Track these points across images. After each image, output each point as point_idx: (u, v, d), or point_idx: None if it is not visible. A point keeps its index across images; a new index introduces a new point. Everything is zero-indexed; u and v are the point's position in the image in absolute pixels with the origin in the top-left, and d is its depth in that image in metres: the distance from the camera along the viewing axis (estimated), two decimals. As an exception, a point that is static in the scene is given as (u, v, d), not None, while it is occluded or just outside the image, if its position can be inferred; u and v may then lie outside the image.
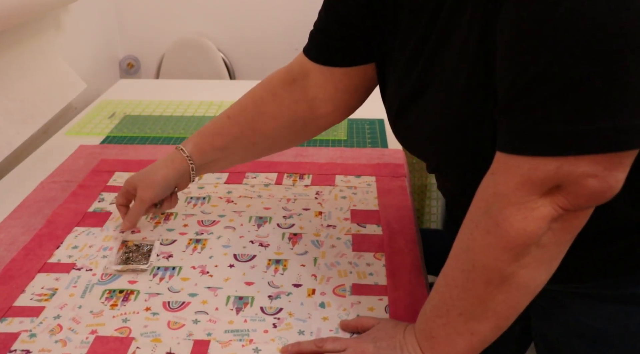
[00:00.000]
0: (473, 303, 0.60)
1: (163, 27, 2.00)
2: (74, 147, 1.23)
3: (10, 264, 0.85)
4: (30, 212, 0.98)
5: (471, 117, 0.62)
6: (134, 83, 1.71)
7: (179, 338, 0.72)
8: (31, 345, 0.71)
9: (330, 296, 0.79)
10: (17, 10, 1.17)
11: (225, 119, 0.88)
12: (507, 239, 0.56)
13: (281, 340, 0.71)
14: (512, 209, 0.56)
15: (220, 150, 0.88)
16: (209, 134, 0.89)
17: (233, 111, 0.88)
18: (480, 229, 0.58)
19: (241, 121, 0.87)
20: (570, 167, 0.52)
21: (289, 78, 0.86)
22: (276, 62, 2.01)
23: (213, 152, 0.88)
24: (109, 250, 0.89)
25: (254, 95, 0.88)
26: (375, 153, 1.19)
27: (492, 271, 0.58)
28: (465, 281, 0.60)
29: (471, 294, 0.60)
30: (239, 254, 0.88)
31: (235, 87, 1.68)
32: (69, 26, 1.55)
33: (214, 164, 0.91)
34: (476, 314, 0.60)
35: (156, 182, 0.87)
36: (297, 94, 0.85)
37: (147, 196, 0.87)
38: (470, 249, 0.60)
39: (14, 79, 1.28)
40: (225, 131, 0.88)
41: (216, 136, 0.88)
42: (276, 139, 0.89)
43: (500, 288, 0.59)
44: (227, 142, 0.88)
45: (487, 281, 0.59)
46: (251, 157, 0.93)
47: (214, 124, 0.89)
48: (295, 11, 1.96)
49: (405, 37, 0.69)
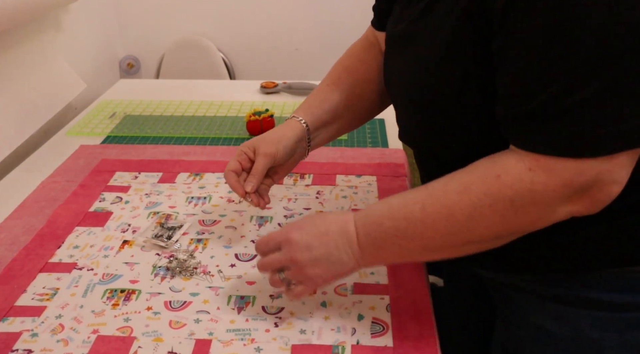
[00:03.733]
0: (440, 248, 0.63)
1: (163, 27, 2.00)
2: (75, 147, 1.23)
3: (11, 264, 0.85)
4: (31, 212, 0.98)
5: (450, 77, 0.63)
6: (134, 83, 1.71)
7: (181, 338, 0.72)
8: (33, 345, 0.71)
9: (332, 295, 0.79)
10: (17, 10, 1.17)
11: (326, 87, 0.90)
12: (515, 227, 0.60)
13: (283, 339, 0.71)
14: (538, 209, 0.58)
15: (330, 113, 0.89)
16: (316, 100, 0.90)
17: (331, 78, 0.91)
18: (494, 210, 0.59)
19: (342, 87, 0.89)
20: (607, 169, 0.55)
21: (367, 44, 0.91)
22: (276, 62, 2.04)
23: (324, 115, 0.89)
24: (110, 250, 0.89)
25: (344, 65, 0.92)
26: (376, 153, 1.19)
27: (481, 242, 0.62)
28: (447, 237, 0.62)
29: (448, 246, 0.63)
30: (240, 254, 0.88)
31: (235, 87, 1.68)
32: (69, 26, 1.55)
33: (325, 130, 0.90)
34: (435, 253, 0.65)
35: (278, 139, 0.84)
36: (380, 57, 0.88)
37: (270, 150, 0.83)
38: (472, 218, 0.60)
39: (14, 79, 1.28)
40: (330, 96, 0.89)
41: (323, 101, 0.89)
42: (375, 100, 0.91)
43: (477, 247, 0.63)
44: (334, 105, 0.89)
45: (466, 243, 0.62)
46: (357, 122, 0.94)
47: (318, 92, 0.91)
48: (295, 11, 1.97)
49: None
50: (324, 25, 1.98)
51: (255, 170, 0.83)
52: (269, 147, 0.83)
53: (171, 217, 0.96)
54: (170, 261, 0.86)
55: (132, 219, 0.96)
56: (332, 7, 1.95)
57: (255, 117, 1.27)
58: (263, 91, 1.56)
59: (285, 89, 1.54)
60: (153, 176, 1.10)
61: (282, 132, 0.85)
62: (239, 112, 1.43)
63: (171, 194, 1.04)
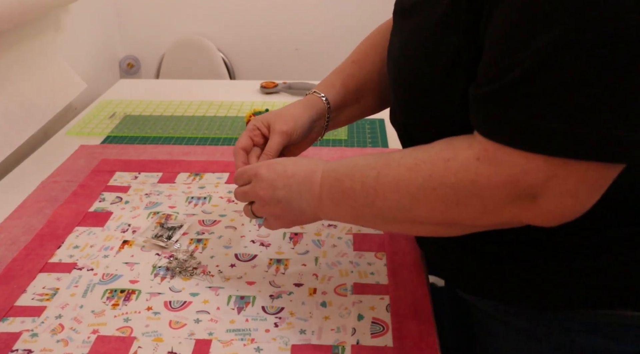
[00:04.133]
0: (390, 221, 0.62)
1: (163, 27, 2.00)
2: (75, 147, 1.23)
3: (11, 264, 0.85)
4: (31, 212, 0.98)
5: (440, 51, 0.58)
6: (134, 83, 1.71)
7: (181, 338, 0.72)
8: (33, 345, 0.71)
9: (332, 296, 0.79)
10: (17, 10, 1.17)
11: (351, 64, 0.85)
12: (458, 218, 0.57)
13: (283, 339, 0.71)
14: (481, 203, 0.54)
15: (353, 92, 0.84)
16: (339, 77, 0.84)
17: (357, 56, 0.86)
18: (437, 195, 0.56)
19: (368, 64, 0.84)
20: (560, 177, 0.49)
21: None
22: (276, 62, 2.04)
23: (347, 94, 0.83)
24: (110, 250, 0.89)
25: (371, 42, 0.86)
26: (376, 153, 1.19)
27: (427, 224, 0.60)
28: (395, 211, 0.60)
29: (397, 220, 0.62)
30: (240, 254, 0.88)
31: (235, 87, 1.68)
32: (69, 26, 1.55)
33: (347, 109, 0.85)
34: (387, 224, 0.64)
35: (294, 116, 0.79)
36: None
37: (285, 127, 0.77)
38: (416, 197, 0.58)
39: (14, 79, 1.28)
40: (355, 73, 0.84)
41: (347, 78, 0.84)
42: None
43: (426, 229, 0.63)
44: (358, 84, 0.84)
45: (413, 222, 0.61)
46: (380, 105, 0.88)
47: (342, 69, 0.85)
48: (295, 11, 1.97)
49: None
50: (324, 25, 1.98)
51: (270, 149, 0.77)
52: (285, 124, 0.77)
53: (171, 217, 0.96)
54: (170, 261, 0.86)
55: (132, 219, 0.96)
56: (332, 7, 1.95)
57: (255, 117, 1.27)
58: (263, 90, 1.56)
59: (285, 89, 1.54)
60: (153, 176, 1.10)
61: (301, 108, 0.80)
62: (239, 112, 1.43)
63: (171, 194, 1.04)
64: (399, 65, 0.66)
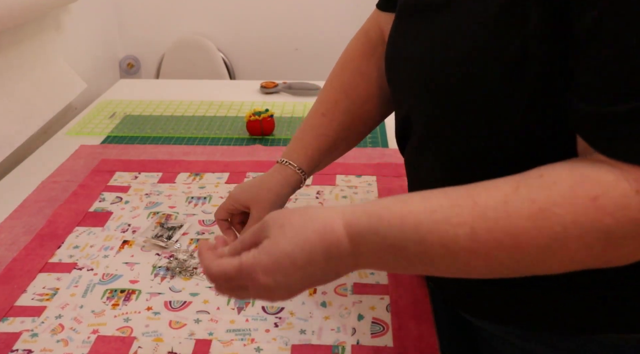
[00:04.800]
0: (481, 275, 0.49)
1: (163, 27, 2.00)
2: (75, 147, 1.23)
3: (11, 264, 0.85)
4: (31, 212, 0.98)
5: (500, 55, 0.49)
6: (134, 83, 1.71)
7: (181, 338, 0.72)
8: (33, 345, 0.71)
9: (332, 295, 0.79)
10: (17, 10, 1.17)
11: (321, 118, 0.81)
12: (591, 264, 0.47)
13: (283, 339, 0.71)
14: (636, 245, 0.46)
15: (327, 151, 0.81)
16: (311, 139, 0.81)
17: (326, 106, 0.81)
18: (583, 243, 0.45)
19: (339, 116, 0.80)
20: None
21: (369, 49, 0.81)
22: (276, 62, 2.04)
23: (320, 157, 0.81)
24: (110, 250, 0.89)
25: (341, 82, 0.82)
26: (376, 153, 1.19)
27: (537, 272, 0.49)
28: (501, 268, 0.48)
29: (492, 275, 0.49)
30: (240, 254, 0.88)
31: (235, 87, 1.68)
32: (69, 26, 1.55)
33: (320, 166, 0.84)
34: (468, 275, 0.51)
35: (272, 201, 0.79)
36: (382, 64, 0.75)
37: (263, 214, 0.75)
38: (548, 250, 0.46)
39: (14, 79, 1.28)
40: (327, 131, 0.80)
41: (320, 137, 0.81)
42: (375, 118, 0.83)
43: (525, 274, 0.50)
44: (331, 141, 0.81)
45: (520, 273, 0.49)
46: (353, 145, 0.86)
47: (311, 127, 0.82)
48: (295, 11, 1.97)
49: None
50: (324, 25, 1.98)
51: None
52: (264, 212, 0.76)
53: (171, 217, 0.96)
54: (170, 261, 0.86)
55: (132, 219, 0.96)
56: (332, 7, 1.95)
57: (255, 117, 1.27)
58: (263, 90, 1.56)
59: (285, 89, 1.55)
60: (153, 176, 1.10)
61: (278, 191, 0.79)
62: (239, 112, 1.43)
63: (171, 194, 1.04)
64: (434, 74, 0.56)
